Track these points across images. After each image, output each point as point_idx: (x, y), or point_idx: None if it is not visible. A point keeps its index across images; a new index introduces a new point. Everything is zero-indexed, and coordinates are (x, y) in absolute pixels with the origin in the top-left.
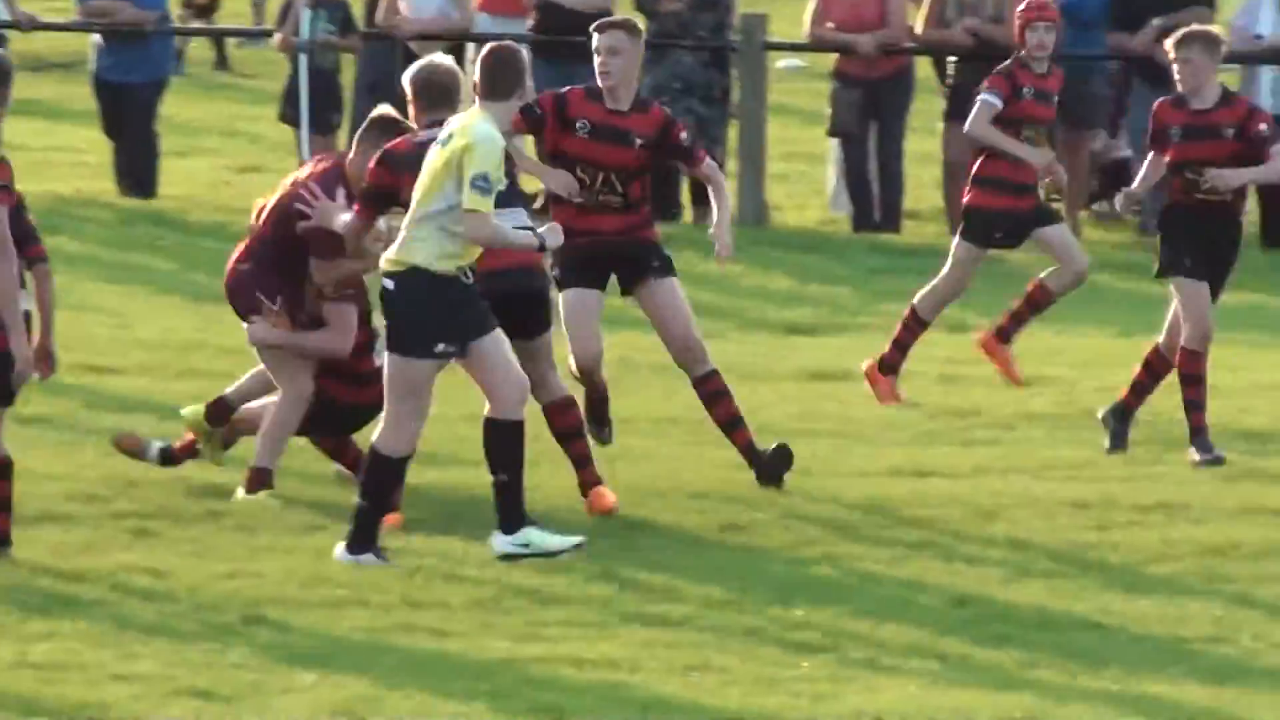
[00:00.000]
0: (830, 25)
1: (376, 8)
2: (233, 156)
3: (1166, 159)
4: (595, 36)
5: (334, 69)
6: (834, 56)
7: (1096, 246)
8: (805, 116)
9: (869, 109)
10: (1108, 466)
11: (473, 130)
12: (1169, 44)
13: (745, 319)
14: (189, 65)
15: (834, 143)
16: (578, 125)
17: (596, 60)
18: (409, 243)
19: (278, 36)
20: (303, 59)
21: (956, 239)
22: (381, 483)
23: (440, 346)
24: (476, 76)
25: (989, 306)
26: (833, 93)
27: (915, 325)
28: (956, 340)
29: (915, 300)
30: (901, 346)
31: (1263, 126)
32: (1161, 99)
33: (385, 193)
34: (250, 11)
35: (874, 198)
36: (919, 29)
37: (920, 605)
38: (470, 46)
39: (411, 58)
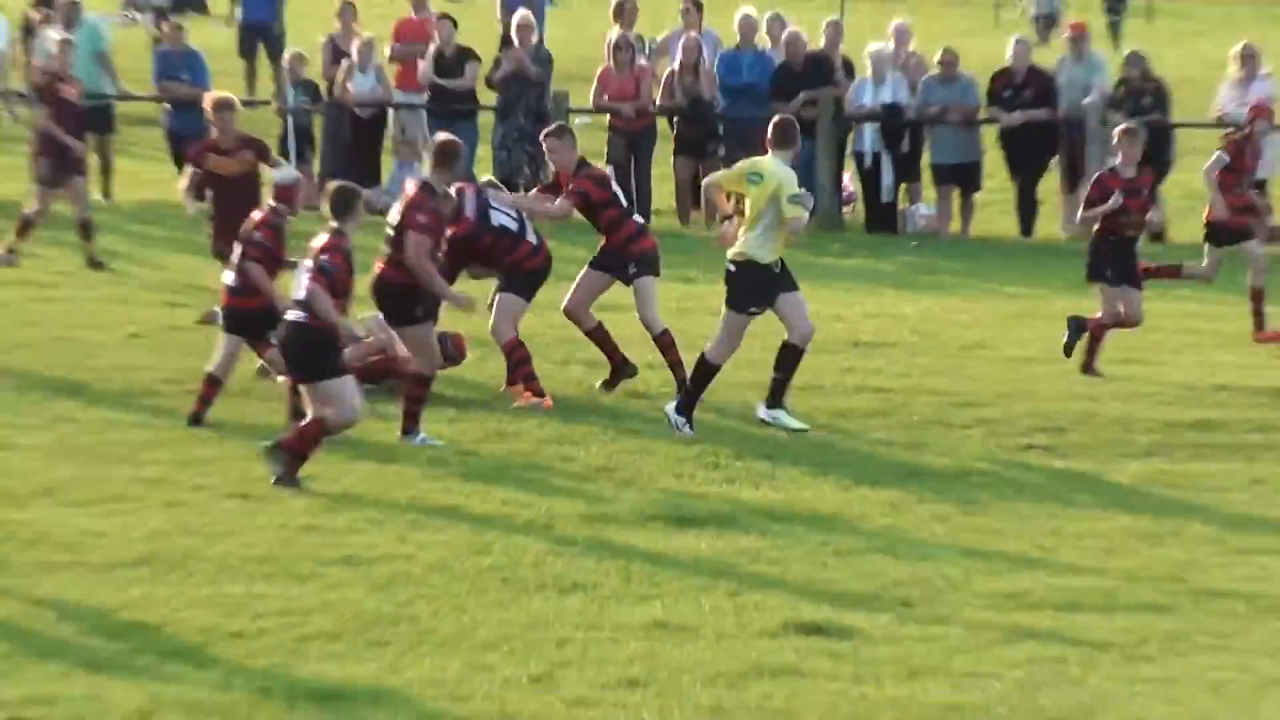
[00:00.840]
0: (606, 97)
1: (333, 86)
2: None
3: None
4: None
5: (309, 125)
6: (608, 116)
7: None
8: (593, 155)
9: (631, 149)
10: None
11: (775, 171)
12: (1118, 132)
13: None
14: None
15: (611, 169)
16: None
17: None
18: (746, 244)
19: (273, 104)
20: (289, 119)
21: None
22: (702, 379)
23: (753, 308)
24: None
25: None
26: (608, 139)
27: None
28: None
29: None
30: None
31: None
32: (1102, 171)
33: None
34: (244, 86)
35: (634, 203)
36: (659, 100)
37: None
38: (390, 111)
39: (358, 120)
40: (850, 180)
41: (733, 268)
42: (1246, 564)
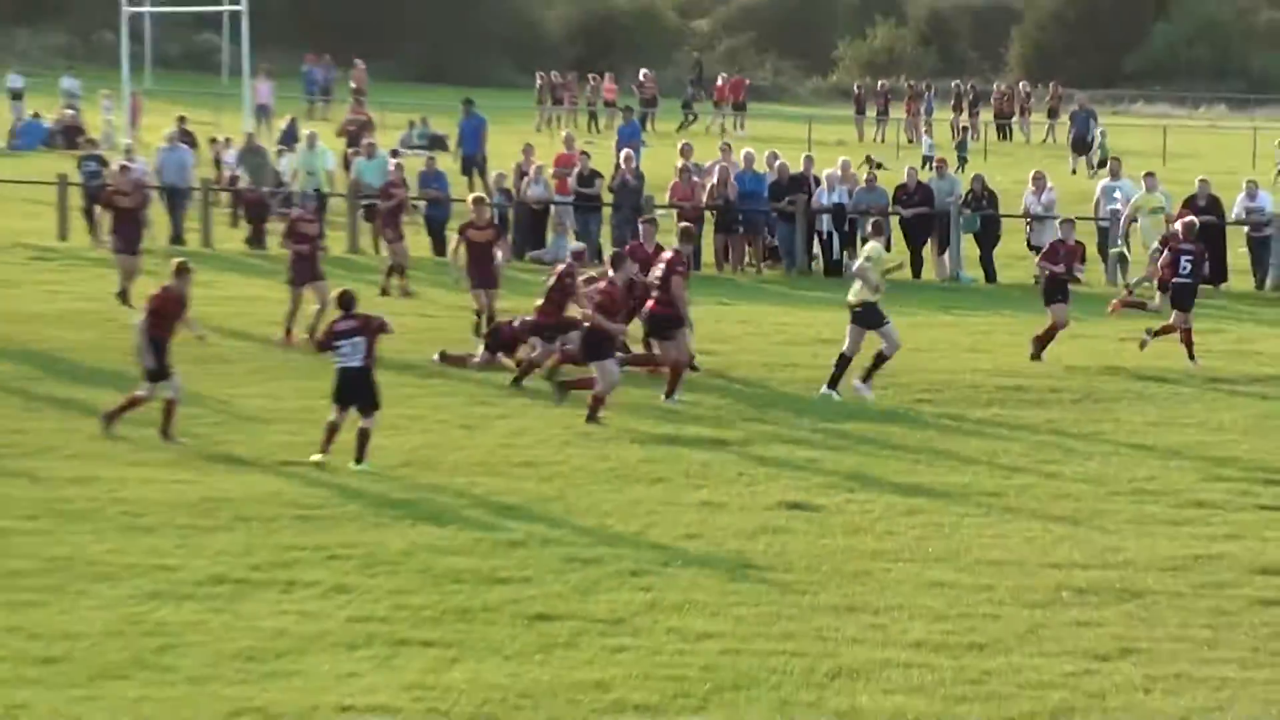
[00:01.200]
0: (675, 199)
1: (519, 191)
2: None
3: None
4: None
5: (505, 214)
6: (675, 210)
7: None
8: (667, 232)
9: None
10: None
11: (871, 252)
12: (1060, 222)
13: None
14: None
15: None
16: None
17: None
18: (861, 293)
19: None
20: (495, 211)
21: None
22: (841, 367)
23: (868, 326)
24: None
25: None
26: (677, 223)
27: None
28: None
29: None
30: None
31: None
32: (1054, 240)
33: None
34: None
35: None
36: (705, 200)
37: None
38: (552, 206)
39: (533, 211)
40: (815, 246)
41: (859, 307)
42: (1039, 465)
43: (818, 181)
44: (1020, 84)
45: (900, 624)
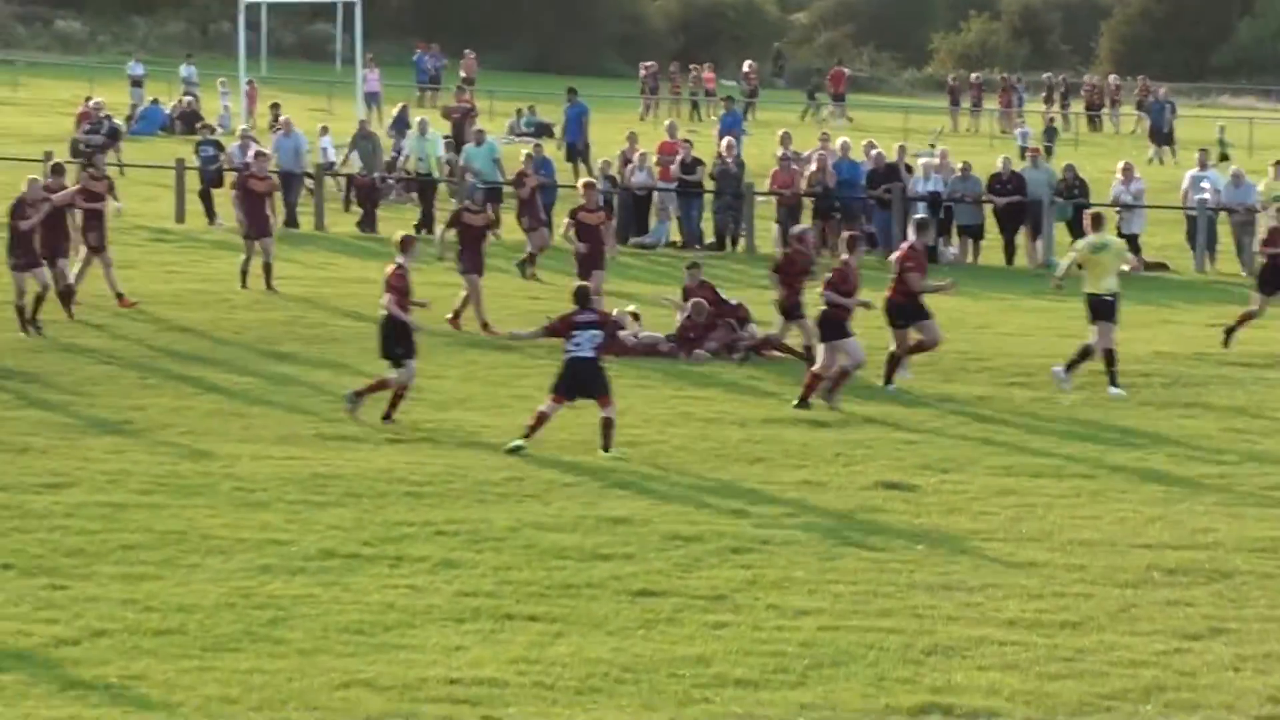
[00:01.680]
0: (775, 186)
1: (624, 177)
2: None
3: None
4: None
5: (610, 199)
6: (775, 197)
7: None
8: (768, 218)
9: (789, 214)
10: None
11: (1111, 243)
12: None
13: None
14: None
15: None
16: None
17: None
18: (1112, 285)
19: None
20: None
21: None
22: (1081, 357)
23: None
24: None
25: None
26: (776, 209)
27: None
28: None
29: None
30: None
31: None
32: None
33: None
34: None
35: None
36: (804, 187)
37: None
38: (655, 193)
39: (638, 197)
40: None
41: (1110, 298)
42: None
43: (909, 169)
44: (1110, 77)
45: (995, 602)
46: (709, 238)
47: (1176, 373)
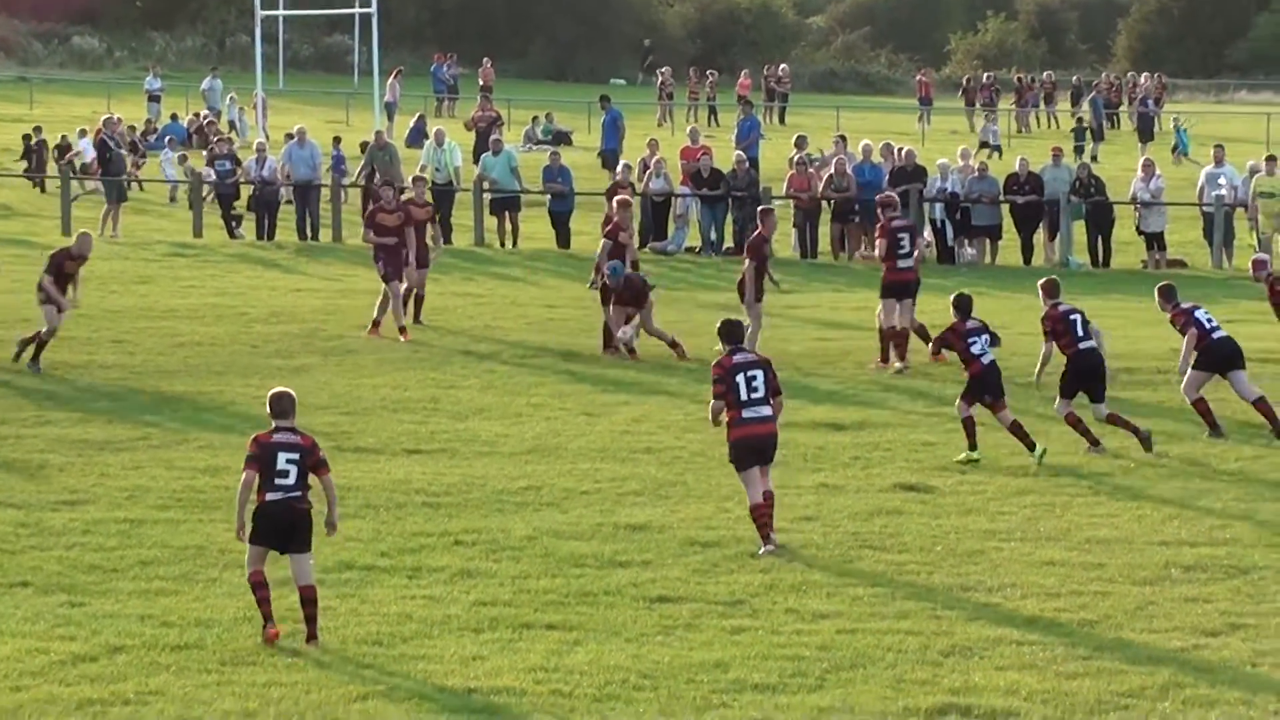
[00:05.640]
0: (792, 189)
1: (643, 183)
2: None
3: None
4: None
5: None
6: (793, 200)
7: None
8: (784, 220)
9: (806, 217)
10: None
11: None
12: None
13: None
14: None
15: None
16: None
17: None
18: None
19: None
20: None
21: None
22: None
23: None
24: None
25: None
26: (793, 212)
27: None
28: None
29: None
30: None
31: None
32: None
33: None
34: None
35: (807, 250)
36: (821, 190)
37: None
38: (674, 198)
39: (655, 203)
40: (928, 233)
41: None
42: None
43: (924, 170)
44: (1129, 74)
45: (1013, 602)
46: (728, 243)
47: None
